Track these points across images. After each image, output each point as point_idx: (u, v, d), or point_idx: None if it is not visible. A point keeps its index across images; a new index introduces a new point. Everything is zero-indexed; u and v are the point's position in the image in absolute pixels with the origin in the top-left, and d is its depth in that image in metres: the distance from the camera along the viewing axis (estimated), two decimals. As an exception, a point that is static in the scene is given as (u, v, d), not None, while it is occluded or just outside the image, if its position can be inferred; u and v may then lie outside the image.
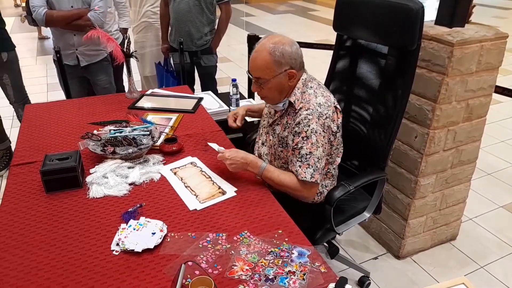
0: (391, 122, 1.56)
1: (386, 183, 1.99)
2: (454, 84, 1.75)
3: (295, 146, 1.41)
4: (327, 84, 1.88)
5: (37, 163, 1.50)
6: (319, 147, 1.39)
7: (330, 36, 1.82)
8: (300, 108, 1.41)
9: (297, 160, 1.40)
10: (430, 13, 1.86)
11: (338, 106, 1.47)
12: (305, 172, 1.39)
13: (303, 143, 1.39)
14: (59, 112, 1.97)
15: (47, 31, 6.22)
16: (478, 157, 2.08)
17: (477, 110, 1.90)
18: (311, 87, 1.45)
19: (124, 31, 3.08)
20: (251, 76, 1.45)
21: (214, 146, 1.52)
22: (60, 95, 2.96)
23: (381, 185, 1.63)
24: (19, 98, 2.76)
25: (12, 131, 3.36)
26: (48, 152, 1.51)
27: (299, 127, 1.40)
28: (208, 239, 1.15)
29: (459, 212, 2.20)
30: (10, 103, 2.79)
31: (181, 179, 1.44)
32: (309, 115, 1.38)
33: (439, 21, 1.81)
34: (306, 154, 1.39)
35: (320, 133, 1.39)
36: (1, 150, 2.92)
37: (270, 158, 1.59)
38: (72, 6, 2.35)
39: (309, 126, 1.38)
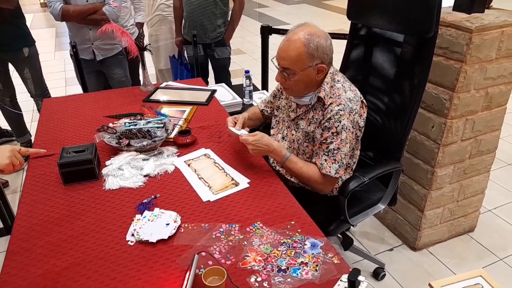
0: (407, 112, 1.53)
1: (402, 174, 1.95)
2: (473, 72, 1.70)
3: (324, 141, 1.39)
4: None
5: (55, 156, 1.53)
6: (347, 143, 1.38)
7: (344, 25, 1.79)
8: (331, 103, 1.38)
9: (324, 154, 1.39)
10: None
11: (364, 100, 1.45)
12: (330, 167, 1.38)
13: (333, 138, 1.37)
14: (75, 105, 2.01)
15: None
16: (498, 147, 2.03)
17: (497, 98, 1.85)
18: (338, 81, 1.42)
19: (140, 25, 3.10)
20: (276, 65, 1.38)
21: (234, 130, 1.47)
22: (78, 89, 3.01)
23: (397, 176, 1.61)
24: (39, 92, 2.82)
25: (33, 125, 3.45)
26: (65, 145, 1.54)
27: (329, 122, 1.37)
28: (221, 230, 1.16)
29: (478, 203, 2.15)
30: (31, 96, 2.86)
31: (195, 171, 1.45)
32: (341, 110, 1.35)
33: (457, 7, 1.76)
34: (334, 150, 1.37)
35: (349, 130, 1.37)
36: (22, 143, 3.00)
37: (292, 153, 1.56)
38: (87, 1, 2.38)
39: (340, 122, 1.35)
